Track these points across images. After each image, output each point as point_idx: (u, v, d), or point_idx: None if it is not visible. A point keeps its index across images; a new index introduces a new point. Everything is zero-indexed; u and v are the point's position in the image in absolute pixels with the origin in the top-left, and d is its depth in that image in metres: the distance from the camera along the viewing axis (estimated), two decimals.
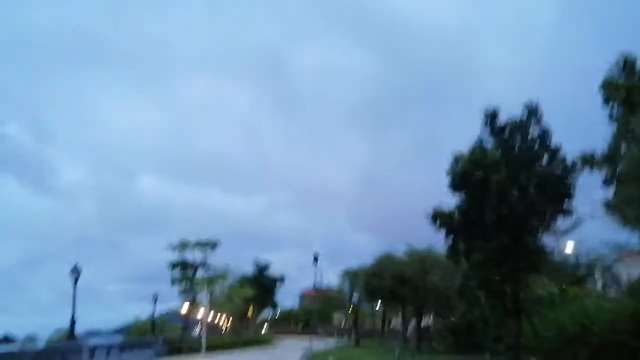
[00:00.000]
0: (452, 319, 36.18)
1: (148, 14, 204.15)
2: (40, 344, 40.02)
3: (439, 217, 24.55)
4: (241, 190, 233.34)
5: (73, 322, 24.08)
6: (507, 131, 23.88)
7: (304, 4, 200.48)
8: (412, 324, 57.60)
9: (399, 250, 42.50)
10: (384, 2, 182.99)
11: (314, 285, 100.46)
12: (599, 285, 36.26)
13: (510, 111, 24.16)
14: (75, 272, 23.86)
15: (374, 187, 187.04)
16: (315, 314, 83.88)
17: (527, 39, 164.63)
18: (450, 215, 24.45)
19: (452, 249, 25.30)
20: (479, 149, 24.02)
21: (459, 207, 24.33)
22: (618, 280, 37.31)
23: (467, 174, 23.27)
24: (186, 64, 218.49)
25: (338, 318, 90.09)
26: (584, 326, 18.56)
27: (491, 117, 24.27)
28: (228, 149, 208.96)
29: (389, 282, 39.79)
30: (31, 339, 58.01)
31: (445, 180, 24.60)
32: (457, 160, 24.24)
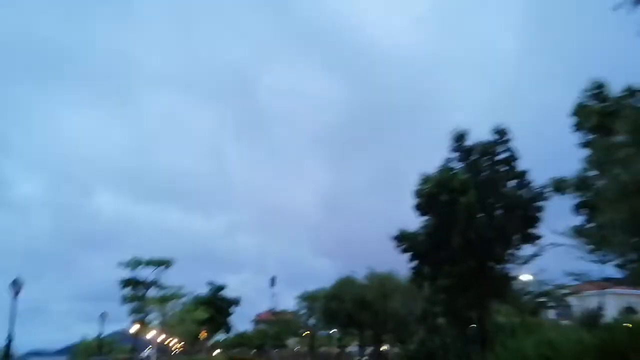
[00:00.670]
0: (411, 346, 35.24)
1: (115, 29, 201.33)
2: None
3: (404, 239, 23.83)
4: (201, 210, 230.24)
5: (9, 341, 22.13)
6: (474, 153, 23.53)
7: (274, 26, 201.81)
8: (369, 349, 56.56)
9: (360, 273, 41.68)
10: (353, 28, 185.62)
11: (270, 308, 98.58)
12: (552, 314, 36.16)
13: (476, 139, 23.94)
14: (16, 286, 21.97)
15: (335, 211, 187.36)
16: (269, 337, 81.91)
17: (492, 70, 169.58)
18: (415, 236, 23.76)
19: (416, 273, 24.58)
20: (446, 171, 23.53)
21: (425, 230, 23.70)
22: (570, 311, 37.35)
23: (434, 196, 22.68)
24: (151, 81, 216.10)
25: (293, 342, 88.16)
26: (548, 357, 17.95)
27: (459, 139, 23.92)
28: (190, 167, 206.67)
29: (349, 306, 38.77)
30: None
31: (408, 204, 24.01)
32: (424, 181, 23.66)
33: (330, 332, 66.46)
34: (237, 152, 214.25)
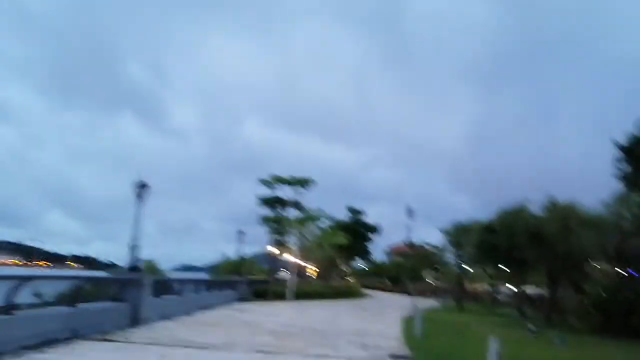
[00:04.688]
0: (598, 292, 28.63)
1: None
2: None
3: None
4: (344, 141, 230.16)
5: (134, 248, 19.23)
6: None
7: None
8: (529, 291, 50.06)
9: (532, 202, 34.80)
10: None
11: (407, 240, 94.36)
12: None
13: None
14: (139, 187, 18.80)
15: (481, 147, 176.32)
16: (407, 270, 78.34)
17: None
18: None
19: None
20: None
21: None
22: None
23: None
24: (300, 10, 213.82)
25: (432, 277, 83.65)
26: None
27: None
28: (335, 98, 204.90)
29: (522, 240, 32.35)
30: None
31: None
32: None
33: (477, 269, 60.56)
34: (382, 83, 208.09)
